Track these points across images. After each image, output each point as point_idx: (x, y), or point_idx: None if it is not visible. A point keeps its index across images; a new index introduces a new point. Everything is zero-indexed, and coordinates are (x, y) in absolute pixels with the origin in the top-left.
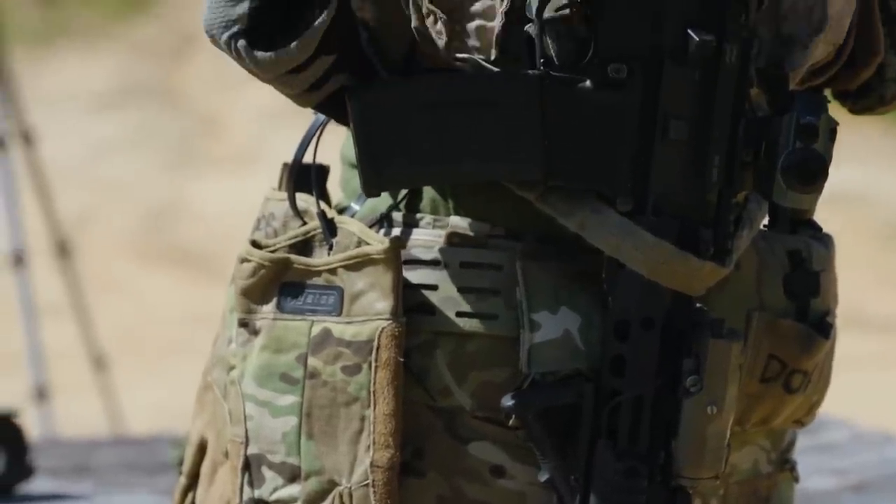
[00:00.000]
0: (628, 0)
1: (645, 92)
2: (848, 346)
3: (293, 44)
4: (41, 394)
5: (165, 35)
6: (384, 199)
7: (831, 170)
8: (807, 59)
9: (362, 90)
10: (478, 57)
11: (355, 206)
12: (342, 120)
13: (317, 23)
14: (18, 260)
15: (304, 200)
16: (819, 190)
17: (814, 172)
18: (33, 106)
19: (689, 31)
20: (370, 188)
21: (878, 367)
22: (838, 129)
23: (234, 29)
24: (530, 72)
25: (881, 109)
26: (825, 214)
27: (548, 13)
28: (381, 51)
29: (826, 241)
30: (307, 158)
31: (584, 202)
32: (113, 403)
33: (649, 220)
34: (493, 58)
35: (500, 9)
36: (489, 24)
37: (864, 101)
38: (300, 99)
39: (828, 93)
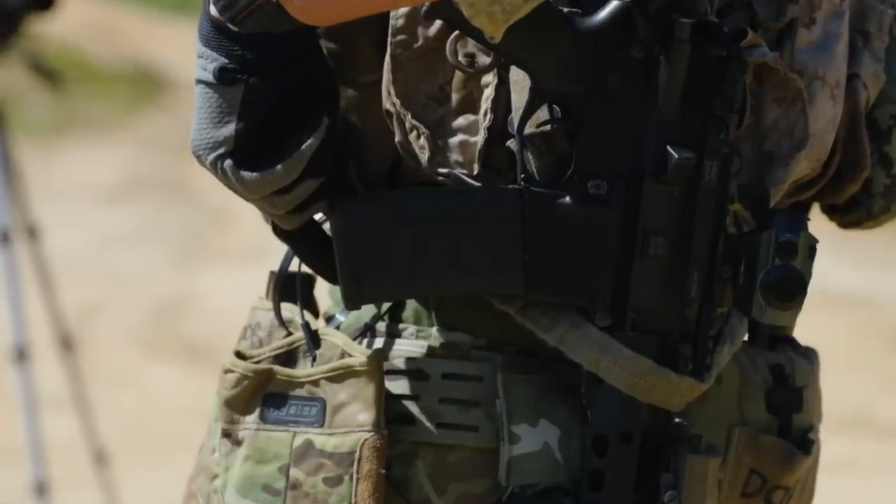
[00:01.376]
0: (607, 118)
1: (625, 208)
2: (855, 449)
3: (279, 166)
4: (41, 489)
5: (176, 128)
6: (368, 310)
7: (839, 274)
8: (788, 175)
9: (344, 204)
10: (460, 172)
11: (340, 318)
12: (309, 259)
13: (304, 147)
14: (21, 354)
15: (290, 310)
16: (798, 307)
17: (792, 290)
18: (42, 197)
19: (669, 149)
20: (351, 302)
21: (885, 472)
22: (848, 231)
23: (221, 150)
24: (511, 187)
25: (868, 223)
26: (832, 318)
27: (529, 129)
28: (366, 165)
29: (810, 356)
30: (294, 267)
31: (563, 317)
32: (114, 499)
33: (628, 336)
34: (475, 172)
35: (483, 124)
36: (472, 139)
37: (851, 216)
38: (284, 220)
39: (816, 207)
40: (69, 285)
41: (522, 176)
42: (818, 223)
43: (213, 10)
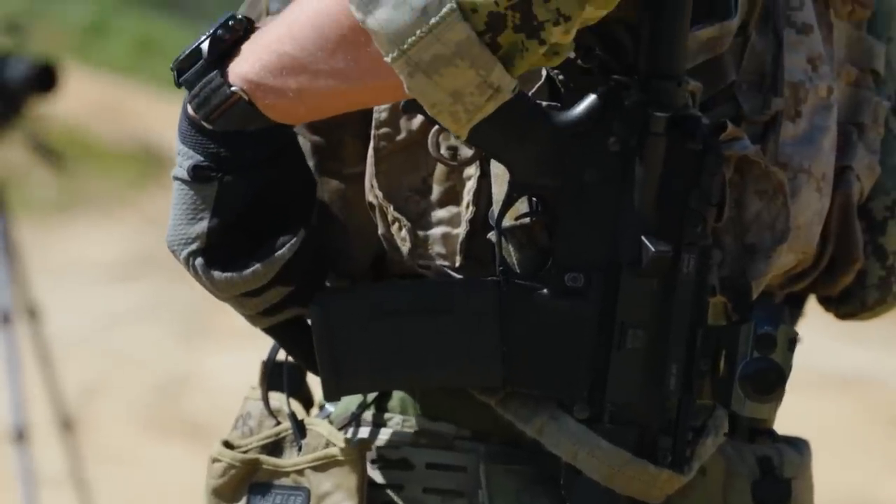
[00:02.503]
0: (584, 211)
1: (602, 301)
2: None
3: (248, 270)
4: None
5: None
6: (356, 399)
7: (844, 353)
8: (769, 268)
9: (322, 297)
10: (442, 264)
11: (330, 408)
12: (290, 349)
13: (276, 254)
14: (20, 435)
15: (279, 400)
16: (777, 400)
17: (771, 383)
18: (44, 276)
19: (645, 242)
20: (329, 394)
21: None
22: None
23: (193, 247)
24: (488, 279)
25: (864, 315)
26: (834, 399)
27: (509, 222)
28: (349, 256)
29: (800, 447)
30: (283, 356)
31: (543, 408)
32: None
33: (606, 428)
34: (457, 265)
35: (465, 216)
36: (454, 231)
37: (846, 307)
38: (255, 320)
39: (813, 298)
40: (70, 364)
41: (501, 269)
42: (819, 304)
43: (189, 108)
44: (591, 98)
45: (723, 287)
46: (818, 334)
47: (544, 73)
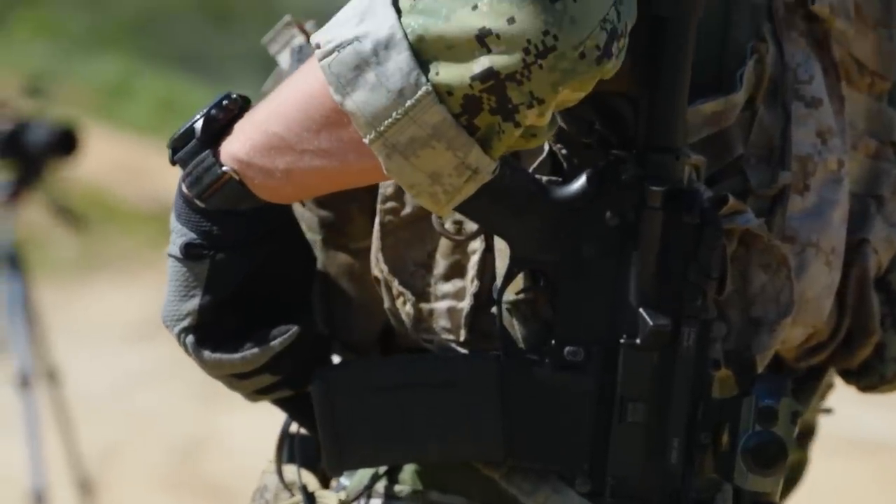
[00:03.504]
0: (583, 285)
1: (602, 375)
2: None
3: (238, 354)
4: None
5: None
6: (369, 471)
7: (859, 417)
8: (773, 342)
9: (324, 372)
10: (447, 338)
11: (345, 482)
12: (298, 419)
13: (269, 344)
14: (39, 498)
15: (294, 473)
16: (780, 473)
17: (773, 456)
18: (64, 336)
19: (644, 316)
20: (332, 468)
21: None
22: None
23: (185, 323)
24: (489, 353)
25: (884, 388)
26: (858, 463)
27: (513, 296)
28: (356, 330)
29: None
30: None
31: (545, 482)
32: None
33: (607, 502)
34: (462, 339)
35: (470, 290)
36: (459, 305)
37: (866, 380)
38: (247, 397)
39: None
40: (90, 425)
41: (503, 343)
42: (840, 377)
43: (183, 187)
44: (589, 173)
45: (728, 360)
46: (835, 398)
47: (546, 147)
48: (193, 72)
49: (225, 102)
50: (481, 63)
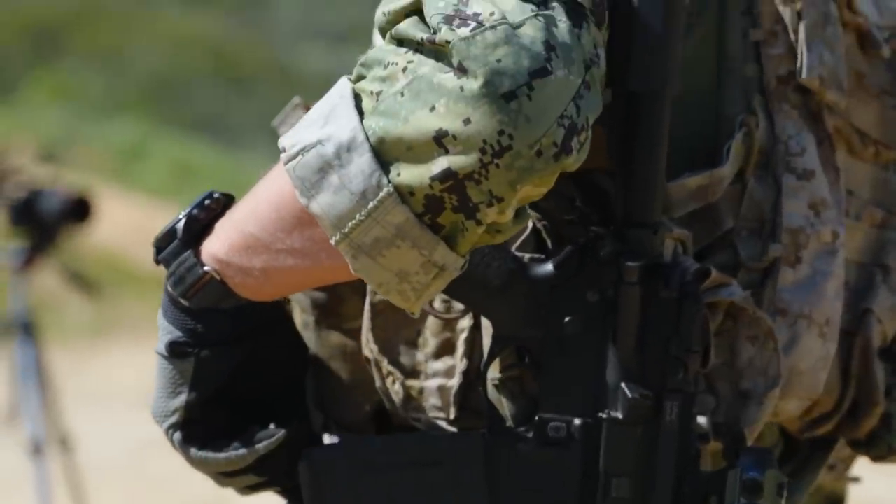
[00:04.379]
0: (565, 361)
1: (585, 450)
2: None
3: (223, 454)
4: None
5: None
6: None
7: (865, 480)
8: (762, 414)
9: (311, 452)
10: (437, 416)
11: None
12: (288, 499)
13: (254, 447)
14: None
15: None
16: None
17: None
18: (77, 402)
19: (626, 390)
20: None
21: None
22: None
23: (172, 420)
24: (474, 431)
25: (893, 458)
26: None
27: (500, 373)
28: (349, 409)
29: None
30: None
31: None
32: None
33: None
34: (452, 417)
35: (460, 368)
36: (449, 383)
37: (875, 451)
38: (236, 491)
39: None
40: (102, 492)
41: (488, 419)
42: (849, 447)
43: (168, 286)
44: (569, 250)
45: (718, 433)
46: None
47: (531, 224)
48: (209, 135)
49: (207, 202)
50: (440, 164)
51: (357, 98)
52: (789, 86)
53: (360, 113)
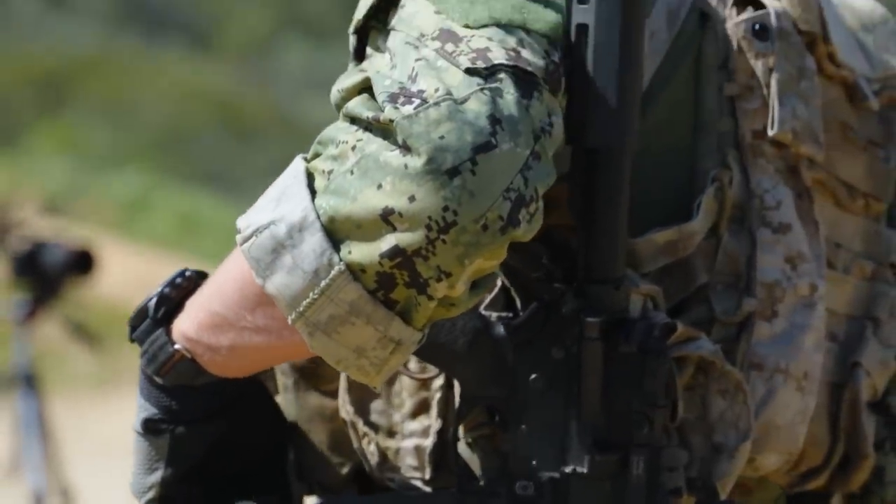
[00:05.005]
0: (532, 418)
1: None
2: None
3: None
4: None
5: None
6: None
7: None
8: (734, 468)
9: None
10: (414, 475)
11: None
12: None
13: None
14: None
15: None
16: None
17: None
18: (79, 454)
19: (591, 445)
20: None
21: None
22: None
23: (149, 496)
24: (444, 490)
25: None
26: None
27: (472, 432)
28: (328, 471)
29: None
30: None
31: None
32: None
33: None
34: (428, 476)
35: (434, 428)
36: (425, 443)
37: None
38: None
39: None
40: None
41: (458, 478)
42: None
43: (142, 364)
44: (533, 308)
45: (692, 487)
46: None
47: (499, 283)
48: (213, 187)
49: (178, 280)
50: (388, 241)
51: (310, 177)
52: (765, 140)
53: (314, 192)
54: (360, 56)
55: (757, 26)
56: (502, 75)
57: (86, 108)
